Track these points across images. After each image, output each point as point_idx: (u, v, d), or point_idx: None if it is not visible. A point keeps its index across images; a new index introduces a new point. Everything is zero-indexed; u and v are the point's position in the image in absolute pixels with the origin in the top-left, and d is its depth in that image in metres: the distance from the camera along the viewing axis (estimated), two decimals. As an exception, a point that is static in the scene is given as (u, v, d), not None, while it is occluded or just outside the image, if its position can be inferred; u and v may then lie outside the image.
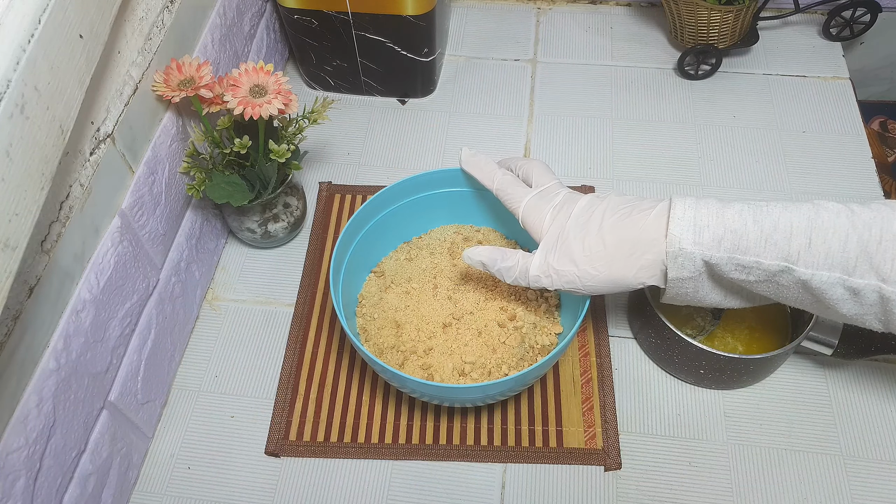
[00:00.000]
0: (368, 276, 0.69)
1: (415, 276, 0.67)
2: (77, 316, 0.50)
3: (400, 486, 0.62)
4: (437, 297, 0.65)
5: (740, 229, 0.47)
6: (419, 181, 0.66)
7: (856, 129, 0.85)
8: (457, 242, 0.69)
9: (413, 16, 0.77)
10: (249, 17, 0.78)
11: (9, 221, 0.37)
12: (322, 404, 0.66)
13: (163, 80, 0.58)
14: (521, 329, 0.63)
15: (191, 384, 0.68)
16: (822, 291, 0.46)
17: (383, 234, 0.68)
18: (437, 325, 0.64)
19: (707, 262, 0.48)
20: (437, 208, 0.69)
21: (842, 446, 0.63)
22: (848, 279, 0.45)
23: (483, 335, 0.63)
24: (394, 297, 0.66)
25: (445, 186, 0.68)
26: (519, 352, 0.62)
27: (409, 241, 0.71)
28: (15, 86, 0.37)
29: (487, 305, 0.65)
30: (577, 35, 0.96)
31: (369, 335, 0.64)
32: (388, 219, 0.67)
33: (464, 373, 0.61)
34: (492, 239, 0.70)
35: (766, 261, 0.47)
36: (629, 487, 0.61)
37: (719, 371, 0.62)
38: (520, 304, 0.65)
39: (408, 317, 0.64)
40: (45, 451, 0.48)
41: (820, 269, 0.45)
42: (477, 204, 0.69)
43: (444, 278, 0.67)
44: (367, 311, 0.66)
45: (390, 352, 0.62)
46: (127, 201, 0.56)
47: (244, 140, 0.62)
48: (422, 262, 0.68)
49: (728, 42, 0.87)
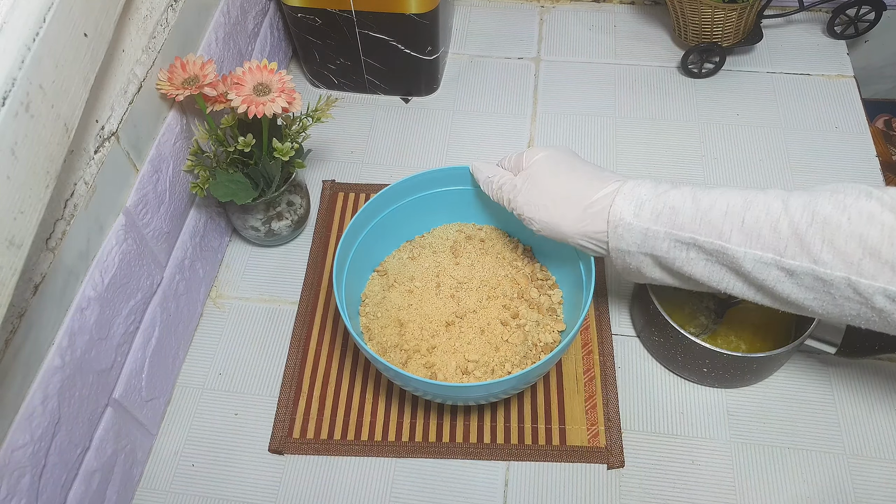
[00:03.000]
0: (371, 274, 0.69)
1: (417, 274, 0.67)
2: (82, 313, 0.50)
3: (403, 483, 0.62)
4: (440, 295, 0.66)
5: (678, 206, 0.49)
6: (422, 179, 0.66)
7: (860, 127, 0.85)
8: (459, 241, 0.69)
9: (417, 14, 0.77)
10: (253, 16, 0.78)
11: (14, 219, 0.37)
12: (325, 402, 0.66)
13: (167, 78, 0.59)
14: (524, 327, 0.63)
15: (195, 382, 0.68)
16: (758, 272, 0.47)
17: (386, 233, 0.68)
18: (440, 323, 0.64)
19: (645, 235, 0.50)
20: (440, 207, 0.69)
21: (845, 445, 0.63)
22: (781, 259, 0.46)
23: (486, 333, 0.63)
24: (397, 295, 0.66)
25: (448, 185, 0.68)
26: (522, 349, 0.62)
27: (412, 240, 0.71)
28: (20, 84, 0.37)
29: (490, 304, 0.65)
30: (580, 33, 0.96)
31: (373, 334, 0.64)
32: (391, 217, 0.67)
33: (467, 371, 0.61)
34: (494, 237, 0.70)
35: (701, 237, 0.48)
36: (632, 486, 0.61)
37: (722, 369, 0.62)
38: (523, 301, 0.65)
39: (411, 315, 0.64)
40: (49, 447, 0.48)
41: (752, 248, 0.46)
42: (479, 202, 0.69)
43: (446, 277, 0.67)
44: (371, 311, 0.66)
45: (394, 350, 0.63)
46: (131, 199, 0.56)
47: (248, 138, 0.62)
48: (424, 261, 0.68)
49: (732, 40, 0.86)
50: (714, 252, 0.48)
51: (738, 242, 0.47)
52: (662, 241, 0.50)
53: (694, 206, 0.49)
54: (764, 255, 0.46)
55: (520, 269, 0.68)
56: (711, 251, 0.48)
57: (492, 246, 0.69)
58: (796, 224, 0.45)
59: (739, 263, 0.47)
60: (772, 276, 0.47)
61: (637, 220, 0.50)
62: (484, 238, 0.70)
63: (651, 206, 0.50)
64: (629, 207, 0.51)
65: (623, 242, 0.52)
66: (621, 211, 0.51)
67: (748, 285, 0.49)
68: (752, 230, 0.46)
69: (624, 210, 0.51)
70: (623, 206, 0.51)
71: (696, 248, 0.49)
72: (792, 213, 0.46)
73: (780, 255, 0.46)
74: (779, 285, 0.47)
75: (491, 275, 0.67)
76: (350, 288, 0.64)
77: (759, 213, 0.47)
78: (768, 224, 0.46)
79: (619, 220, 0.51)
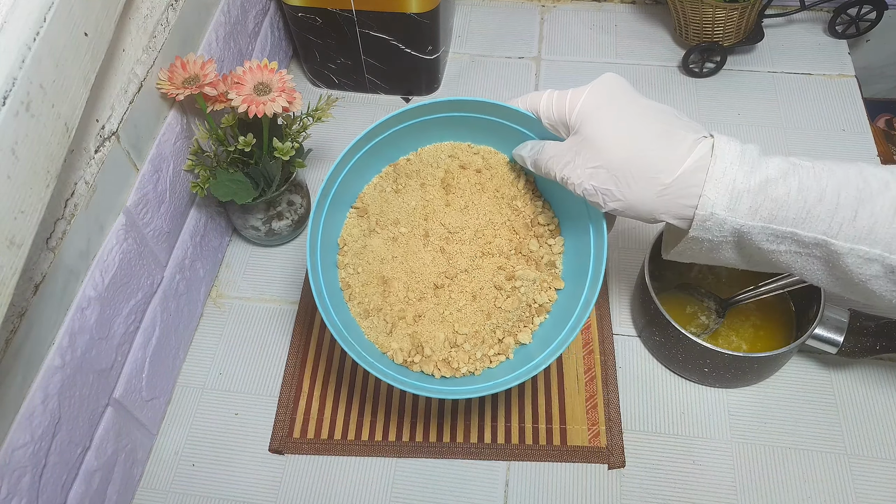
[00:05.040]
0: (349, 211, 0.59)
1: (402, 216, 0.58)
2: (82, 313, 0.50)
3: (403, 483, 0.62)
4: (429, 246, 0.58)
5: (782, 198, 0.42)
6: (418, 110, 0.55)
7: (861, 126, 0.84)
8: (452, 170, 0.58)
9: (417, 13, 0.77)
10: (254, 15, 0.78)
11: (14, 219, 0.37)
12: (326, 401, 0.66)
13: (167, 77, 0.58)
14: (519, 289, 0.57)
15: (195, 381, 0.68)
16: (856, 267, 0.43)
17: (370, 161, 0.58)
18: (427, 285, 0.57)
19: (739, 230, 0.44)
20: (431, 128, 0.57)
21: (846, 445, 0.63)
22: (889, 256, 0.41)
23: (478, 299, 0.56)
24: (379, 243, 0.58)
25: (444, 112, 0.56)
26: (515, 314, 0.57)
27: (396, 164, 0.59)
28: (20, 84, 0.37)
29: (484, 262, 0.57)
30: (581, 33, 0.96)
31: (353, 292, 0.57)
32: (377, 147, 0.56)
33: (456, 344, 0.56)
34: (493, 164, 0.58)
35: (804, 232, 0.43)
36: (633, 485, 0.61)
37: (723, 369, 0.62)
38: (520, 258, 0.58)
39: (395, 271, 0.57)
40: (50, 447, 0.48)
41: (860, 244, 0.42)
42: (476, 126, 0.57)
43: (435, 222, 0.58)
44: (350, 261, 0.58)
45: (377, 315, 0.57)
46: (132, 199, 0.56)
47: (248, 138, 0.62)
48: (410, 197, 0.58)
49: (733, 40, 0.86)
50: (813, 245, 0.43)
51: (846, 238, 0.42)
52: (758, 234, 0.43)
53: (800, 199, 0.42)
54: (871, 251, 0.41)
55: (520, 211, 0.58)
56: (810, 244, 0.43)
57: (490, 178, 0.58)
58: None
59: (839, 258, 0.43)
60: (870, 271, 0.42)
61: (731, 214, 0.43)
62: (480, 167, 0.58)
63: (750, 200, 0.42)
64: (722, 200, 0.43)
65: (709, 234, 0.45)
66: (713, 204, 0.43)
67: (835, 278, 0.45)
68: (864, 226, 0.41)
69: (716, 203, 0.43)
70: (715, 197, 0.43)
71: (792, 241, 0.43)
72: None
73: (891, 252, 0.41)
74: (872, 280, 0.43)
75: (487, 222, 0.58)
76: (326, 231, 0.56)
77: (874, 206, 0.41)
78: (884, 218, 0.41)
79: (709, 215, 0.43)
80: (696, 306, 0.68)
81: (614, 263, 0.74)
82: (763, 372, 0.64)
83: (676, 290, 0.69)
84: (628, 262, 0.75)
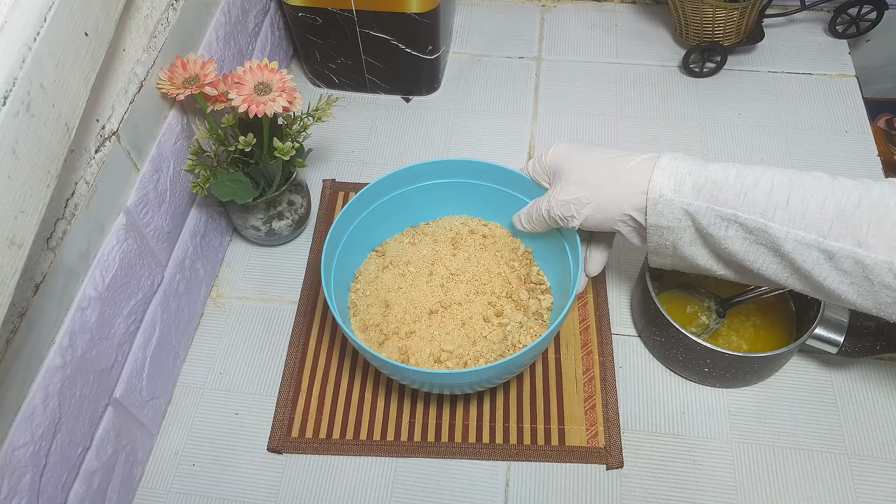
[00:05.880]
0: (370, 253, 0.69)
1: (414, 260, 0.68)
2: (82, 313, 0.50)
3: (403, 483, 0.62)
4: (431, 283, 0.66)
5: (721, 181, 0.48)
6: (431, 168, 0.66)
7: (862, 126, 0.84)
8: (462, 234, 0.69)
9: (417, 13, 0.77)
10: (254, 15, 0.78)
11: (15, 219, 0.37)
12: (325, 401, 0.66)
13: (168, 77, 0.58)
14: (505, 326, 0.63)
15: (195, 381, 0.68)
16: (798, 254, 0.46)
17: (392, 215, 0.68)
18: (424, 310, 0.64)
19: (686, 210, 0.49)
20: (449, 197, 0.69)
21: (846, 445, 0.63)
22: (823, 241, 0.45)
23: (466, 326, 0.63)
24: (389, 277, 0.67)
25: (457, 176, 0.67)
26: (499, 348, 0.61)
27: (417, 226, 0.71)
28: (21, 84, 0.37)
29: (477, 299, 0.65)
30: (581, 32, 0.96)
31: (357, 310, 0.65)
32: (400, 199, 0.67)
33: (439, 360, 0.61)
34: (497, 235, 0.69)
35: (744, 214, 0.47)
36: (632, 486, 0.61)
37: (724, 369, 0.62)
38: (510, 301, 0.65)
39: (398, 298, 0.65)
40: (50, 447, 0.48)
41: (795, 228, 0.46)
42: (488, 198, 0.68)
43: (441, 266, 0.67)
44: (361, 287, 0.66)
45: (373, 329, 0.63)
46: (132, 199, 0.56)
47: (249, 138, 0.62)
48: (423, 248, 0.68)
49: (733, 39, 0.86)
50: (755, 230, 0.47)
51: (782, 221, 0.46)
52: (704, 216, 0.49)
53: (737, 182, 0.47)
54: (806, 235, 0.45)
55: (515, 269, 0.67)
56: (753, 229, 0.47)
57: (493, 243, 0.69)
58: (843, 206, 0.44)
59: (780, 243, 0.47)
60: (811, 258, 0.46)
61: (677, 195, 0.49)
62: (487, 234, 0.70)
63: (692, 180, 0.49)
64: (668, 182, 0.49)
65: (662, 218, 0.50)
66: (661, 187, 0.49)
67: (784, 267, 0.49)
68: (796, 210, 0.45)
69: (663, 185, 0.49)
70: (662, 181, 0.49)
71: (737, 226, 0.48)
72: (839, 195, 0.45)
73: (824, 237, 0.45)
74: (816, 268, 0.46)
75: (484, 270, 0.67)
76: (347, 263, 0.64)
77: (804, 192, 0.46)
78: (814, 204, 0.45)
79: (658, 197, 0.49)
80: (696, 306, 0.68)
81: (614, 264, 0.74)
82: (763, 372, 0.64)
83: (677, 290, 0.69)
84: (628, 263, 0.75)
